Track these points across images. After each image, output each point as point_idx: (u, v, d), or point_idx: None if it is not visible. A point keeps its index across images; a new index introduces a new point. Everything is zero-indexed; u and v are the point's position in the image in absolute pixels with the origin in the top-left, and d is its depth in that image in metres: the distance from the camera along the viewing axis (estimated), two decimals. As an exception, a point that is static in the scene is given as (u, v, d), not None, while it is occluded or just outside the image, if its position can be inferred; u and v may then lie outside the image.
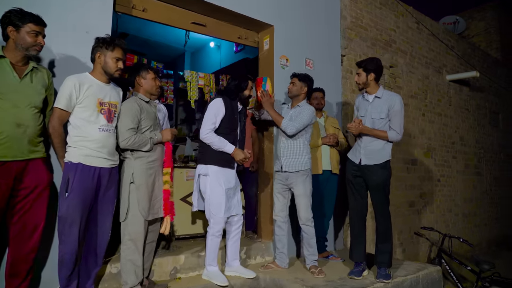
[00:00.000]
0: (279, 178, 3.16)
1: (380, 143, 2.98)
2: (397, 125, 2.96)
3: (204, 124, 2.77)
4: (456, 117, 6.28)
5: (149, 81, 2.57)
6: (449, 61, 6.26)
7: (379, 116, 2.98)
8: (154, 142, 2.49)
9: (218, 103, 2.81)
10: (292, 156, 3.07)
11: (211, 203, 2.75)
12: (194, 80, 4.56)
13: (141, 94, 2.56)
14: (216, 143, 2.76)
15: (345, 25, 4.44)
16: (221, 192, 2.76)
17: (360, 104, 3.15)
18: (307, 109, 3.10)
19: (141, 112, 2.46)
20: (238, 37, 3.71)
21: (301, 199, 3.04)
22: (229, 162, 2.84)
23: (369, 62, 3.00)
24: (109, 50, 2.28)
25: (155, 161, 2.53)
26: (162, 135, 2.57)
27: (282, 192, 3.15)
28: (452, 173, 6.04)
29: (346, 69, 4.40)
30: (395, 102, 2.96)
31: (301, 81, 3.16)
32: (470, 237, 6.26)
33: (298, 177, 3.04)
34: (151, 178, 2.48)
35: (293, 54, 3.82)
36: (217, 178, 2.77)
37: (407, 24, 5.42)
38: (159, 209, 2.56)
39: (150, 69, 2.60)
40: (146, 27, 6.06)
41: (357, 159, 3.02)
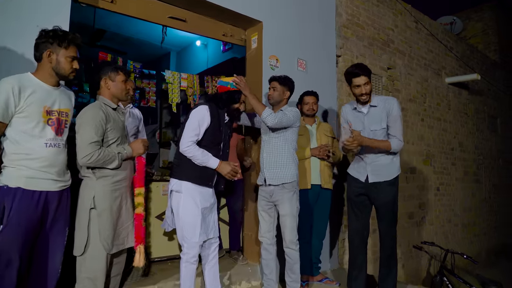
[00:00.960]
0: (262, 194, 2.77)
1: (388, 157, 2.64)
2: (398, 131, 2.63)
3: (185, 135, 2.37)
4: (455, 122, 5.98)
5: (118, 84, 2.16)
6: (448, 63, 5.96)
7: (380, 126, 2.63)
8: (122, 157, 2.09)
9: (203, 111, 2.41)
10: (277, 167, 2.67)
11: (184, 225, 2.36)
12: (176, 81, 4.16)
13: (107, 99, 2.15)
14: (199, 156, 2.37)
15: (341, 22, 4.09)
16: (196, 212, 2.37)
17: (353, 116, 2.79)
18: (291, 109, 2.72)
19: (107, 121, 2.05)
20: (223, 34, 3.32)
21: (286, 219, 2.65)
22: (207, 180, 2.45)
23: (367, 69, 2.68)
24: (63, 47, 1.86)
25: (123, 181, 2.12)
26: (132, 148, 2.17)
27: (267, 210, 2.77)
28: (452, 181, 5.73)
29: (341, 71, 4.03)
30: (392, 106, 2.63)
31: (282, 85, 2.76)
32: (469, 248, 5.97)
33: (284, 194, 2.65)
34: (117, 201, 2.07)
35: (284, 53, 3.44)
36: (191, 196, 2.38)
37: (405, 23, 5.09)
38: (126, 238, 2.15)
39: (121, 69, 2.19)
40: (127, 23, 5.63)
41: (363, 176, 2.68)
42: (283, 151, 2.69)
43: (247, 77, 3.45)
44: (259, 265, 3.03)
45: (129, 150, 2.14)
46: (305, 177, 3.02)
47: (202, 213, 2.39)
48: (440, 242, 5.24)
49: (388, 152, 2.64)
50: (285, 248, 2.69)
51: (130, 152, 2.14)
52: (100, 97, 2.14)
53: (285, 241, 2.67)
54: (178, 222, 2.40)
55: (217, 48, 5.70)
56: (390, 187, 2.62)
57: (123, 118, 2.19)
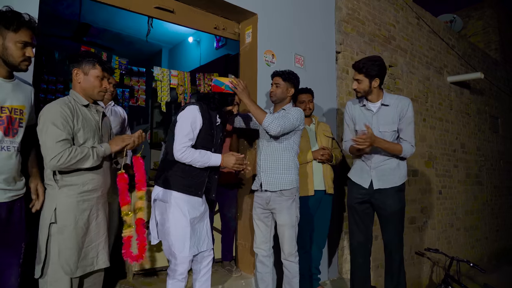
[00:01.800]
0: (258, 201, 2.52)
1: (394, 161, 2.41)
2: (410, 135, 2.40)
3: (177, 141, 2.10)
4: (457, 122, 5.78)
5: (91, 79, 1.84)
6: (450, 62, 5.76)
7: (390, 128, 2.40)
8: (99, 153, 1.80)
9: (194, 112, 2.17)
10: (275, 172, 2.43)
11: (172, 238, 2.11)
12: (166, 79, 3.92)
13: (78, 94, 1.86)
14: (199, 158, 2.13)
15: (341, 17, 3.86)
16: (184, 223, 2.12)
17: (359, 116, 2.54)
18: (294, 110, 2.47)
19: (74, 118, 1.76)
20: (215, 27, 3.08)
21: (285, 230, 2.41)
22: (197, 189, 2.20)
23: (371, 65, 2.39)
24: (11, 30, 1.59)
25: (94, 191, 1.83)
26: (110, 143, 1.87)
27: (263, 218, 2.52)
28: (454, 183, 5.53)
29: (341, 68, 3.81)
30: (407, 107, 2.40)
31: (286, 81, 2.52)
32: (471, 253, 5.78)
33: (282, 202, 2.41)
34: (84, 215, 1.79)
35: (280, 48, 3.21)
36: (179, 206, 2.13)
37: (407, 19, 4.87)
38: (95, 259, 1.85)
39: (99, 63, 1.87)
40: (116, 18, 5.39)
41: (366, 182, 2.44)
42: (283, 154, 2.45)
43: (240, 74, 3.21)
44: (253, 278, 2.79)
45: (106, 146, 1.83)
46: (307, 183, 2.78)
47: (191, 223, 2.14)
48: (442, 247, 5.04)
49: (395, 156, 2.41)
50: (284, 260, 2.45)
51: (107, 148, 1.83)
52: (71, 92, 1.87)
53: (284, 253, 2.44)
54: (164, 236, 2.16)
55: (211, 44, 5.46)
56: (398, 194, 2.40)
57: (97, 117, 1.91)
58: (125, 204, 1.93)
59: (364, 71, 2.40)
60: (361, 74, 2.42)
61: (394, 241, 2.39)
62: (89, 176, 1.79)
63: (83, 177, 1.77)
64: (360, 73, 2.42)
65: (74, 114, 1.76)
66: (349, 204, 2.56)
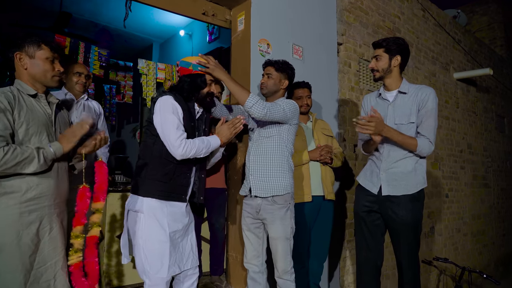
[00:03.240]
0: (247, 209, 2.18)
1: (410, 162, 2.06)
2: (430, 130, 2.04)
3: (170, 136, 1.78)
4: (464, 121, 5.47)
5: (40, 63, 1.55)
6: (456, 57, 5.45)
7: (407, 119, 2.06)
8: (47, 155, 1.47)
9: (169, 101, 1.83)
10: (266, 175, 2.09)
11: (147, 256, 1.78)
12: (151, 72, 3.58)
13: (23, 83, 1.54)
14: (201, 146, 1.84)
15: (343, 6, 3.53)
16: (162, 238, 1.79)
17: (375, 106, 2.21)
18: (287, 101, 2.14)
19: (14, 109, 1.44)
20: (203, 13, 2.75)
21: (278, 244, 2.08)
22: (179, 193, 1.88)
23: (392, 40, 2.08)
24: None
25: (43, 198, 1.49)
26: (60, 141, 1.53)
27: (254, 229, 2.19)
28: (460, 186, 5.22)
29: (343, 61, 3.49)
30: (428, 97, 2.04)
31: (279, 71, 2.20)
32: (478, 259, 5.48)
33: (274, 211, 2.07)
34: (31, 229, 1.46)
35: (276, 38, 2.88)
36: (156, 217, 1.79)
37: (412, 11, 4.56)
38: (52, 282, 1.52)
39: (45, 43, 1.57)
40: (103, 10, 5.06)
41: (375, 186, 2.11)
42: (275, 154, 2.11)
43: (232, 66, 2.88)
44: (245, 295, 2.46)
45: (56, 145, 1.50)
46: (302, 188, 2.44)
47: (171, 238, 1.81)
48: (449, 254, 4.73)
49: (411, 156, 2.07)
50: (277, 279, 2.12)
51: (58, 148, 1.50)
52: (16, 81, 1.54)
53: (277, 270, 2.11)
54: (137, 252, 1.82)
55: (203, 38, 5.14)
56: (413, 204, 2.03)
57: (49, 110, 1.58)
58: (78, 225, 1.58)
59: (385, 45, 2.09)
60: (380, 48, 2.10)
61: (406, 260, 2.04)
62: (33, 180, 1.46)
63: (26, 182, 1.44)
64: (380, 47, 2.11)
65: (15, 105, 1.44)
66: (356, 212, 2.23)
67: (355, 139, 3.46)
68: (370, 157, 2.27)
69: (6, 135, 1.40)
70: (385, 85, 2.18)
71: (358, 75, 3.65)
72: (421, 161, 2.11)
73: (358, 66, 3.64)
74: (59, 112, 1.63)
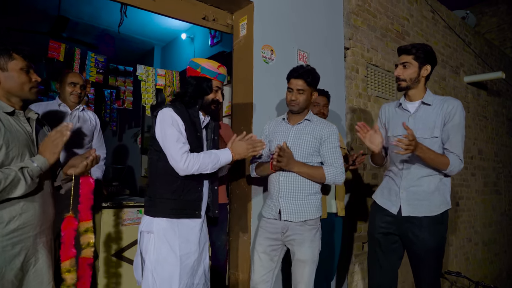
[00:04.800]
0: (269, 229, 2.03)
1: (433, 181, 1.89)
2: (458, 146, 1.87)
3: (171, 150, 1.65)
4: (475, 126, 5.30)
5: (14, 75, 1.39)
6: (466, 60, 5.27)
7: (430, 133, 1.89)
8: (33, 173, 1.32)
9: (167, 113, 1.71)
10: (299, 197, 1.96)
11: (155, 278, 1.65)
12: (151, 79, 3.46)
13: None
14: (207, 161, 1.69)
15: (350, 9, 3.38)
16: (172, 260, 1.66)
17: (393, 117, 2.05)
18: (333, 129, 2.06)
19: None
20: (203, 17, 2.61)
21: (305, 268, 1.93)
22: (194, 208, 1.74)
23: (422, 48, 1.90)
24: None
25: (29, 228, 1.35)
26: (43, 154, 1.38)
27: (270, 252, 2.03)
28: (471, 193, 5.04)
29: (350, 66, 3.33)
30: (455, 110, 1.87)
31: (311, 86, 2.00)
32: (490, 269, 5.30)
33: (304, 232, 1.94)
34: (16, 263, 1.32)
35: (280, 43, 2.74)
36: (166, 239, 1.67)
37: (421, 13, 4.40)
38: None
39: (16, 51, 1.41)
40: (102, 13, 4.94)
41: (394, 206, 1.94)
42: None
43: (234, 73, 2.75)
44: (248, 317, 2.32)
45: (40, 159, 1.35)
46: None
47: (182, 261, 1.67)
48: (460, 265, 4.56)
49: (435, 174, 1.90)
50: None
51: (43, 162, 1.35)
52: None
53: None
54: (146, 274, 1.68)
55: (205, 41, 5.00)
56: (436, 227, 1.86)
57: (29, 128, 1.44)
58: (67, 259, 1.44)
59: (414, 52, 1.89)
60: (410, 55, 1.90)
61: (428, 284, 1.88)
62: (16, 208, 1.31)
63: (8, 211, 1.30)
64: (409, 54, 1.91)
65: None
66: (371, 233, 2.05)
67: (363, 148, 3.31)
68: (386, 173, 2.10)
69: None
70: (408, 95, 2.01)
71: (366, 80, 3.50)
72: (446, 180, 1.94)
73: (366, 72, 3.49)
74: (40, 130, 1.48)
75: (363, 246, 3.25)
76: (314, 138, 2.00)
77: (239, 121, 2.68)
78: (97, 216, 2.43)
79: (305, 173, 1.94)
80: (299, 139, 2.01)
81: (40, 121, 1.51)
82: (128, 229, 2.41)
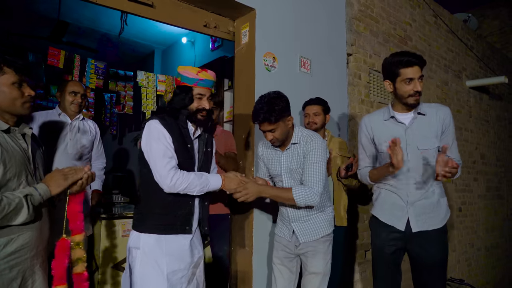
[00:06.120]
0: (283, 242, 2.04)
1: (437, 190, 1.89)
2: (456, 152, 1.93)
3: (157, 165, 1.59)
4: (477, 130, 5.26)
5: (5, 90, 1.32)
6: (469, 64, 5.24)
7: (432, 144, 1.85)
8: (35, 201, 1.28)
9: (153, 126, 1.64)
10: (310, 217, 1.95)
11: None
12: (151, 84, 3.43)
13: None
14: (196, 182, 1.64)
15: (352, 14, 3.36)
16: (158, 278, 1.61)
17: (384, 130, 1.96)
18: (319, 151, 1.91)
19: None
20: (205, 25, 2.58)
21: (317, 281, 1.93)
22: (184, 223, 1.70)
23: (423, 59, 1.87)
24: None
25: (26, 250, 1.31)
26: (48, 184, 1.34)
27: (288, 263, 2.03)
28: (474, 199, 5.01)
29: (353, 73, 3.31)
30: (449, 118, 1.90)
31: (279, 119, 1.85)
32: (492, 274, 5.27)
33: (318, 245, 1.95)
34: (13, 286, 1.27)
35: (282, 50, 2.71)
36: (153, 256, 1.62)
37: (424, 17, 4.37)
38: None
39: (7, 64, 1.33)
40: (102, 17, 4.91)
41: (401, 222, 1.89)
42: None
43: (236, 81, 2.72)
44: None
45: (43, 188, 1.31)
46: None
47: (168, 279, 1.62)
48: (463, 271, 4.53)
49: (435, 183, 1.89)
50: None
51: (45, 192, 1.31)
52: None
53: None
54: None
55: (206, 45, 4.97)
56: (441, 237, 1.89)
57: (24, 145, 1.38)
58: (60, 285, 1.40)
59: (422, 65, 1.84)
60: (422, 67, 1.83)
61: None
62: (14, 229, 1.27)
63: (6, 233, 1.26)
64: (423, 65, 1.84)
65: None
66: (377, 249, 2.00)
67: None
68: (381, 186, 2.01)
69: None
70: (393, 108, 1.95)
71: (369, 87, 3.47)
72: (442, 188, 1.96)
73: (368, 78, 3.46)
74: (34, 145, 1.44)
75: (365, 254, 3.21)
76: (301, 158, 1.94)
77: (240, 129, 2.65)
78: (96, 227, 2.40)
79: (272, 195, 1.88)
80: (290, 167, 1.95)
81: (35, 136, 1.47)
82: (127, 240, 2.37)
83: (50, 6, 4.43)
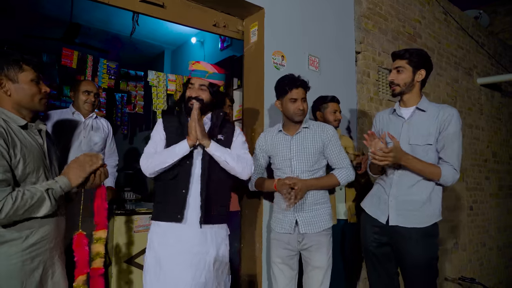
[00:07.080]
0: (284, 239, 2.01)
1: (425, 190, 1.82)
2: (454, 156, 1.79)
3: None
4: (488, 128, 5.20)
5: (25, 87, 1.36)
6: (480, 61, 5.19)
7: (424, 140, 1.83)
8: (56, 194, 1.32)
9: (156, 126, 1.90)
10: (314, 208, 1.96)
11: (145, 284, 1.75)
12: (162, 84, 3.48)
13: (8, 111, 1.36)
14: (156, 160, 1.70)
15: (361, 12, 3.36)
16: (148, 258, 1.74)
17: (387, 123, 2.01)
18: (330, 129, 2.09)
19: (9, 147, 1.28)
20: (214, 24, 2.62)
21: (320, 275, 1.94)
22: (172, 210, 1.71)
23: (416, 52, 1.88)
24: None
25: (46, 241, 1.35)
26: (68, 177, 1.36)
27: (289, 261, 2.02)
28: (485, 197, 4.95)
29: (362, 71, 3.31)
30: (451, 118, 1.81)
31: None
32: (505, 274, 5.20)
33: (321, 238, 1.96)
34: (35, 278, 1.31)
35: (291, 49, 2.73)
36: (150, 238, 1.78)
37: (433, 14, 4.34)
38: None
39: (26, 62, 1.37)
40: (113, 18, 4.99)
41: (383, 215, 1.88)
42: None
43: (245, 79, 2.75)
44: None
45: (63, 180, 1.35)
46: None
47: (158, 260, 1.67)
48: (474, 270, 4.49)
49: (426, 182, 1.83)
50: None
51: (66, 184, 1.35)
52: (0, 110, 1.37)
53: None
54: None
55: (215, 45, 5.01)
56: (426, 240, 1.78)
57: (40, 140, 1.43)
58: (80, 275, 1.45)
59: (408, 56, 1.86)
60: (403, 60, 1.87)
61: None
62: (35, 222, 1.32)
63: (27, 226, 1.31)
64: (402, 58, 1.88)
65: (9, 141, 1.29)
66: (365, 247, 1.99)
67: (374, 153, 3.28)
68: (377, 181, 2.03)
69: (9, 178, 1.25)
70: (402, 101, 1.97)
71: (377, 84, 3.47)
72: (438, 189, 1.86)
73: (377, 75, 3.46)
74: (49, 142, 1.48)
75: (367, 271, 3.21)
76: (317, 142, 2.01)
77: (250, 127, 2.68)
78: (110, 223, 2.46)
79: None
80: (303, 150, 1.99)
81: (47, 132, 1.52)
82: (140, 236, 2.43)
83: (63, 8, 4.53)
